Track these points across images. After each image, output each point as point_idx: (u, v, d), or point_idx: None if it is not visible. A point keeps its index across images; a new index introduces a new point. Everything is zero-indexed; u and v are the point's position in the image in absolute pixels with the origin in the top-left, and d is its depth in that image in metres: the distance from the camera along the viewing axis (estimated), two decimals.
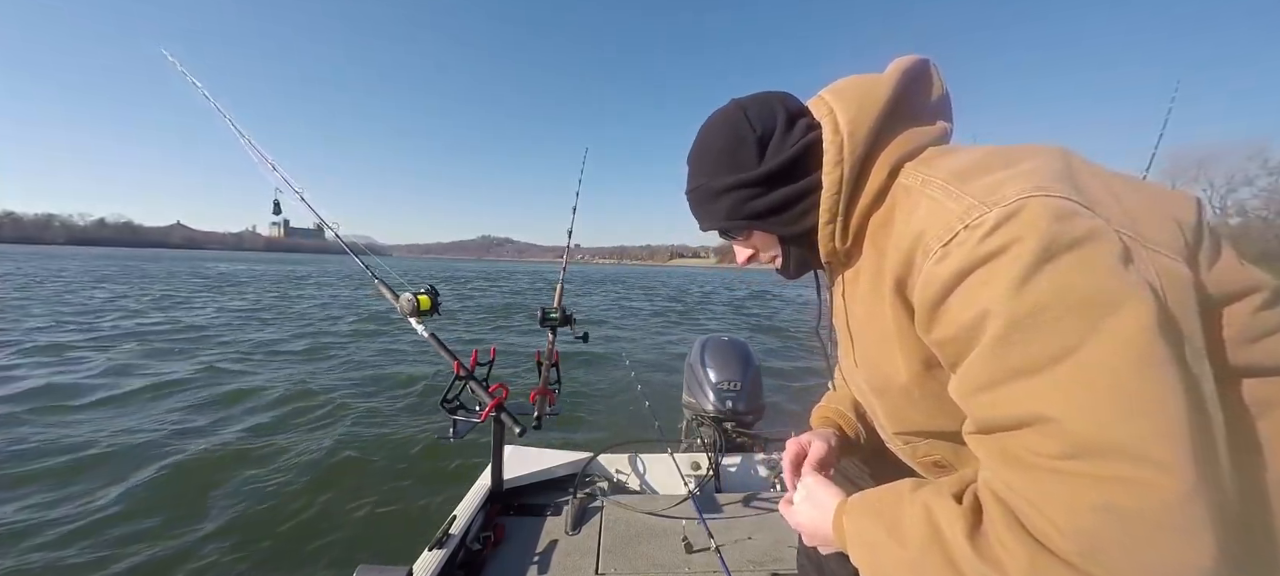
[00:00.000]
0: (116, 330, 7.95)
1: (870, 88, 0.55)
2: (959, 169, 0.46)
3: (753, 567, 1.36)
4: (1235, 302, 0.42)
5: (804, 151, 0.57)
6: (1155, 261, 0.38)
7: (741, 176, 0.60)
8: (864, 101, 0.54)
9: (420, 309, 1.50)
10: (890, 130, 0.54)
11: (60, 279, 18.66)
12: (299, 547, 2.40)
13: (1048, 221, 0.37)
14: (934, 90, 0.57)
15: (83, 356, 6.02)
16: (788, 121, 0.59)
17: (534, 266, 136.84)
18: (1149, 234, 0.40)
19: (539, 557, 1.39)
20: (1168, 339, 0.34)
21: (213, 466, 3.18)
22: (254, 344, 7.45)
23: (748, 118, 0.60)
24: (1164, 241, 0.40)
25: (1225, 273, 0.42)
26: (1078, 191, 0.40)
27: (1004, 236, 0.38)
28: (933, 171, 0.48)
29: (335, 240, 1.78)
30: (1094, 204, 0.39)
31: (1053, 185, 0.39)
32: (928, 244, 0.43)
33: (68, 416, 4.01)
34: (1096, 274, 0.35)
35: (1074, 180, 0.41)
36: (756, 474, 1.86)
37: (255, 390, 4.89)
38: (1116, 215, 0.39)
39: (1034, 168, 0.42)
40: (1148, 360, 0.33)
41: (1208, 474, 0.32)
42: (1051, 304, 0.35)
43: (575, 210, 2.19)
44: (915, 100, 0.56)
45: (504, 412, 1.42)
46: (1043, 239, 0.36)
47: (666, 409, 2.38)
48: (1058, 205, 0.38)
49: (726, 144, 0.61)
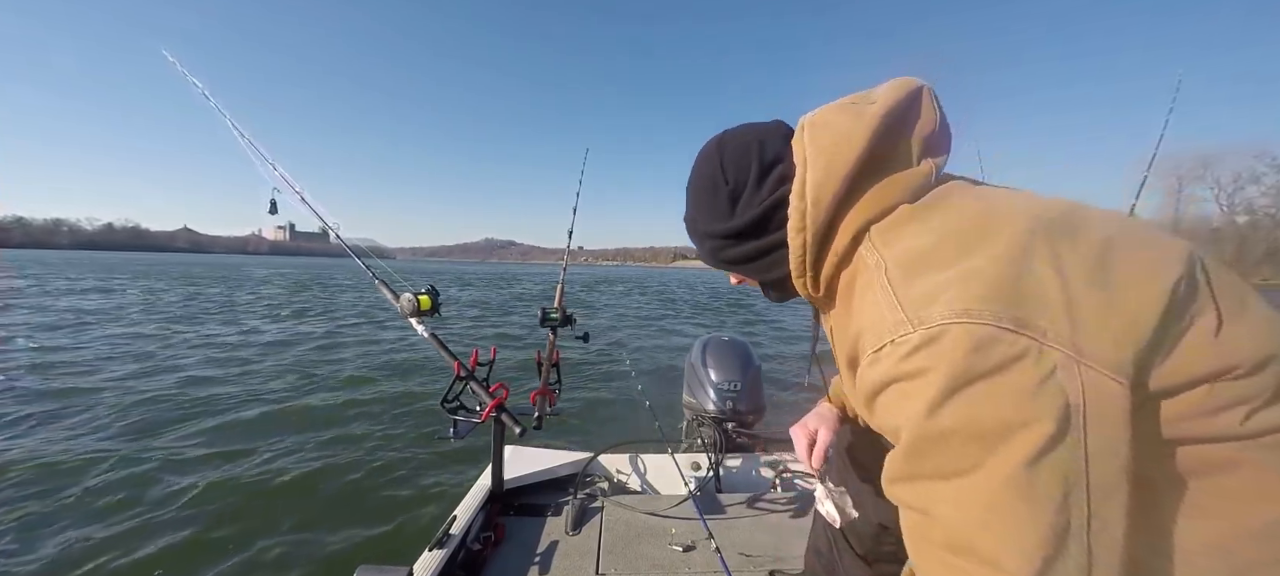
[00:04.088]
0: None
1: (845, 138, 0.52)
2: (910, 256, 0.47)
3: (753, 567, 1.36)
4: (1195, 387, 0.41)
5: (773, 209, 0.58)
6: (1085, 376, 0.38)
7: (715, 227, 0.63)
8: (834, 159, 0.52)
9: (420, 309, 1.50)
10: (859, 188, 0.52)
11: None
12: (299, 547, 2.40)
13: (962, 354, 0.39)
14: (924, 124, 0.52)
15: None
16: (760, 174, 0.59)
17: (537, 268, 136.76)
18: (1089, 345, 0.39)
19: (539, 557, 1.39)
20: (1054, 466, 0.38)
21: (212, 466, 3.18)
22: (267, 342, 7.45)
23: (722, 166, 0.62)
24: (1103, 352, 0.39)
25: (1193, 355, 0.41)
26: (1016, 303, 0.40)
27: (921, 361, 0.41)
28: (889, 251, 0.49)
29: (344, 241, 1.78)
30: (1032, 317, 0.39)
31: (983, 307, 0.40)
32: (864, 344, 0.47)
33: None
34: (1000, 406, 0.39)
35: (1022, 284, 0.41)
36: (757, 474, 1.85)
37: (256, 388, 4.89)
38: (1057, 326, 0.39)
39: (980, 269, 0.42)
40: (1022, 489, 0.38)
41: (1051, 572, 0.37)
42: (955, 431, 0.40)
43: (576, 210, 2.19)
44: (898, 142, 0.52)
45: (504, 413, 1.42)
46: (953, 371, 0.39)
47: (667, 409, 2.38)
48: (977, 335, 0.39)
49: (704, 188, 0.64)
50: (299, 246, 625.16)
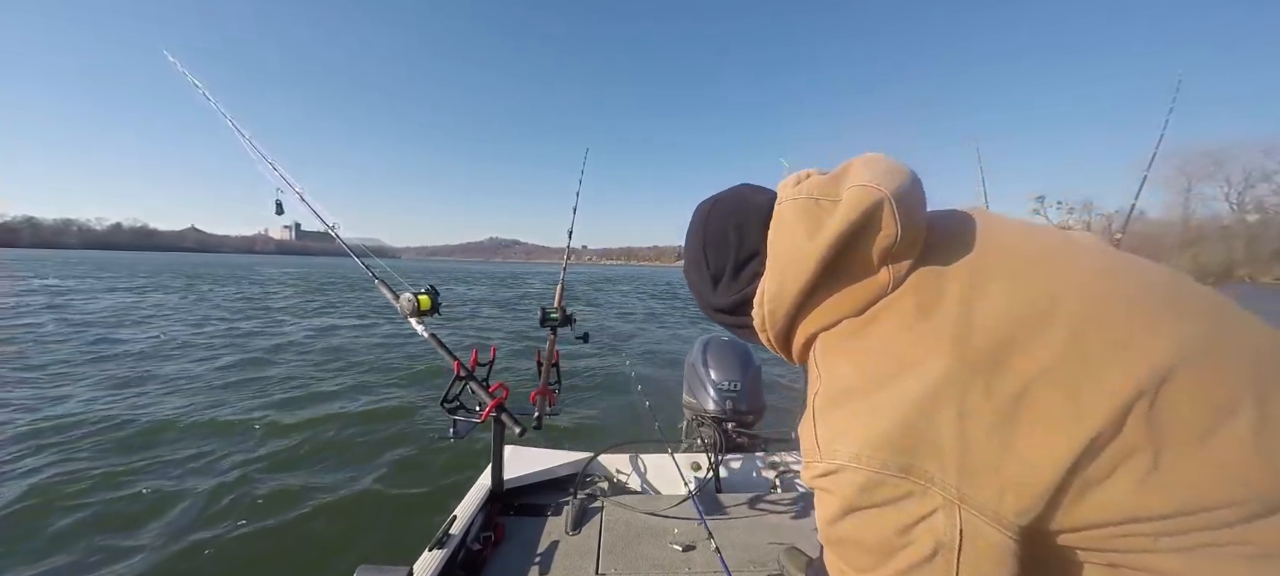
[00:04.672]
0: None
1: (798, 257, 0.54)
2: (835, 390, 0.52)
3: (753, 568, 1.36)
4: (1104, 528, 0.42)
5: (746, 300, 0.63)
6: (964, 518, 0.43)
7: (702, 293, 0.69)
8: (786, 277, 0.56)
9: (420, 309, 1.50)
10: (813, 300, 0.56)
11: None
12: (299, 547, 2.40)
13: (851, 491, 0.47)
14: (882, 238, 0.51)
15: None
16: (736, 268, 0.64)
17: (542, 267, 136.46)
18: (973, 493, 0.42)
19: (539, 558, 1.38)
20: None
21: (212, 465, 3.18)
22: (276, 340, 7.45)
23: (705, 250, 0.67)
24: (986, 500, 0.42)
25: (1105, 500, 0.41)
26: (905, 452, 0.44)
27: (826, 484, 0.49)
28: (825, 369, 0.54)
29: (342, 241, 1.78)
30: (920, 464, 0.44)
31: (872, 454, 0.46)
32: (802, 445, 0.54)
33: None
34: (883, 531, 0.46)
35: (918, 431, 0.44)
36: (757, 474, 1.85)
37: (257, 388, 4.89)
38: (944, 473, 0.43)
39: (885, 409, 0.46)
40: None
41: None
42: (849, 540, 0.49)
43: (576, 210, 2.20)
44: (853, 254, 0.53)
45: (504, 412, 1.42)
46: (844, 501, 0.47)
47: (667, 409, 2.38)
48: (864, 479, 0.46)
49: (692, 258, 0.69)
50: (305, 246, 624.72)
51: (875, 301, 0.53)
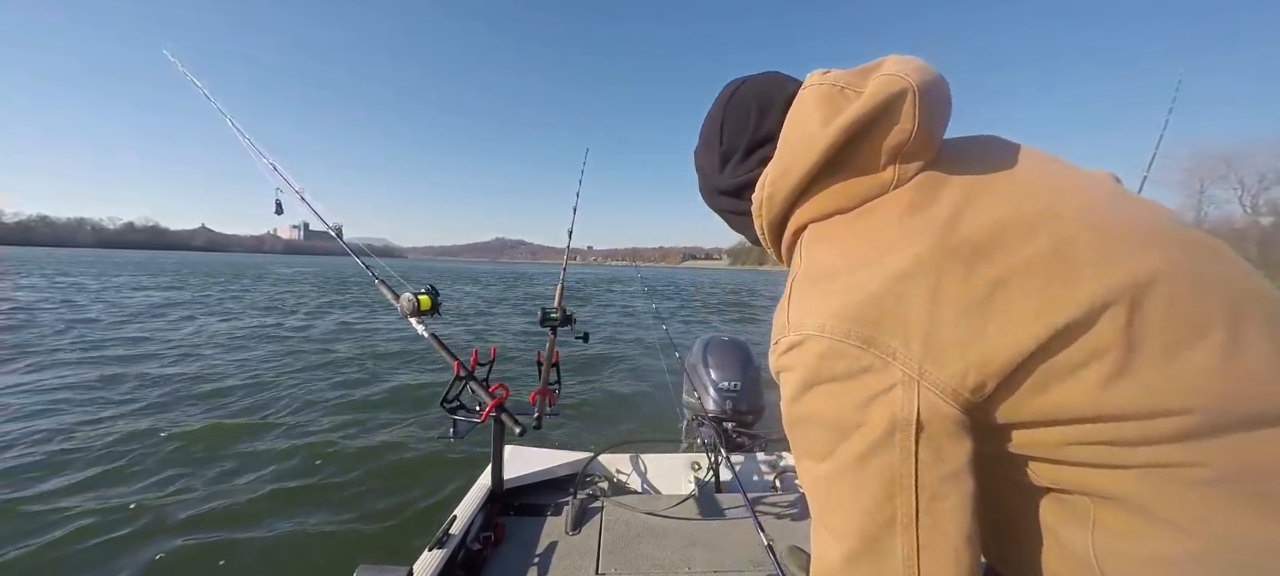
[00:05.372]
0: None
1: (808, 141, 0.53)
2: (814, 272, 0.52)
3: (753, 568, 1.36)
4: (1066, 425, 0.42)
5: (749, 183, 0.62)
6: (922, 396, 0.43)
7: (707, 172, 0.69)
8: (793, 161, 0.55)
9: (420, 309, 1.50)
10: (814, 188, 0.55)
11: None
12: (299, 547, 2.40)
13: (813, 360, 0.47)
14: (896, 134, 0.51)
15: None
16: (748, 148, 0.63)
17: (548, 267, 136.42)
18: (934, 370, 0.42)
19: (539, 557, 1.39)
20: (882, 465, 0.44)
21: (207, 464, 3.18)
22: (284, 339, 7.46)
23: (722, 126, 0.65)
24: (946, 378, 0.42)
25: (1066, 398, 0.41)
26: (870, 324, 0.44)
27: (787, 360, 0.50)
28: (806, 260, 0.55)
29: (350, 240, 1.78)
30: (884, 338, 0.44)
31: (837, 324, 0.46)
32: (773, 332, 0.54)
33: None
34: (840, 406, 0.46)
35: (886, 306, 0.44)
36: (757, 474, 1.85)
37: (261, 384, 4.89)
38: (908, 348, 0.43)
39: (857, 286, 0.47)
40: (854, 479, 0.45)
41: (875, 554, 0.44)
42: (809, 418, 0.49)
43: (576, 210, 2.20)
44: (862, 147, 0.52)
45: (504, 412, 1.42)
46: (805, 375, 0.48)
47: (666, 409, 2.38)
48: (826, 347, 0.46)
49: (708, 134, 0.68)
50: (312, 245, 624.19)
51: (873, 198, 0.52)
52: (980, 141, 0.57)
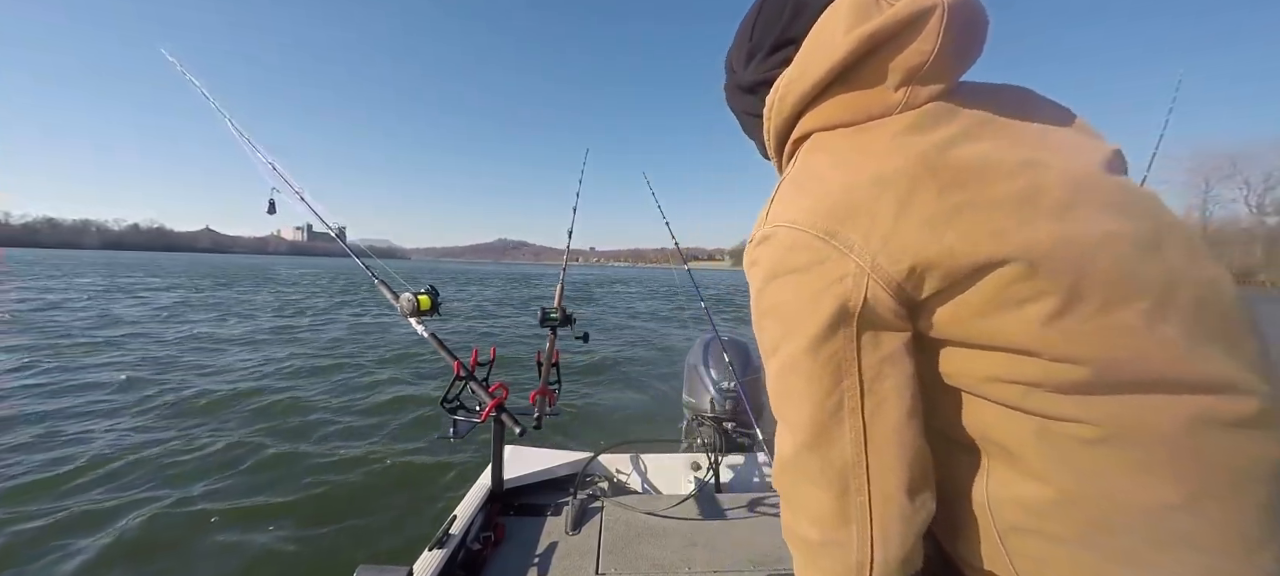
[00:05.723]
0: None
1: (827, 47, 0.52)
2: (803, 175, 0.54)
3: (753, 568, 1.35)
4: (993, 352, 0.45)
5: (767, 82, 0.61)
6: (871, 288, 0.45)
7: (733, 67, 0.68)
8: (809, 66, 0.54)
9: (420, 309, 1.50)
10: (822, 97, 0.55)
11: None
12: (299, 547, 2.40)
13: (778, 253, 0.50)
14: (912, 54, 0.49)
15: None
16: (774, 46, 0.61)
17: (551, 268, 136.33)
18: (887, 266, 0.45)
19: (539, 558, 1.38)
20: (829, 354, 0.47)
21: (208, 463, 3.18)
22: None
23: (755, 23, 0.63)
24: (895, 275, 0.45)
25: (997, 326, 0.44)
26: (836, 220, 0.47)
27: (756, 254, 0.52)
28: (800, 162, 0.56)
29: (353, 241, 1.78)
30: (846, 233, 0.46)
31: (805, 220, 0.48)
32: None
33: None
34: (797, 297, 0.48)
35: (855, 205, 0.46)
36: (757, 474, 1.85)
37: (260, 386, 4.89)
38: (867, 243, 0.45)
39: (834, 190, 0.49)
40: (804, 370, 0.48)
41: (825, 441, 0.47)
42: (769, 311, 0.51)
43: (576, 210, 2.20)
44: (880, 62, 0.51)
45: (504, 412, 1.42)
46: (770, 266, 0.50)
47: (666, 409, 2.38)
48: (792, 239, 0.48)
49: (742, 29, 0.66)
50: (315, 246, 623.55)
51: (878, 116, 0.52)
52: (1006, 89, 0.56)
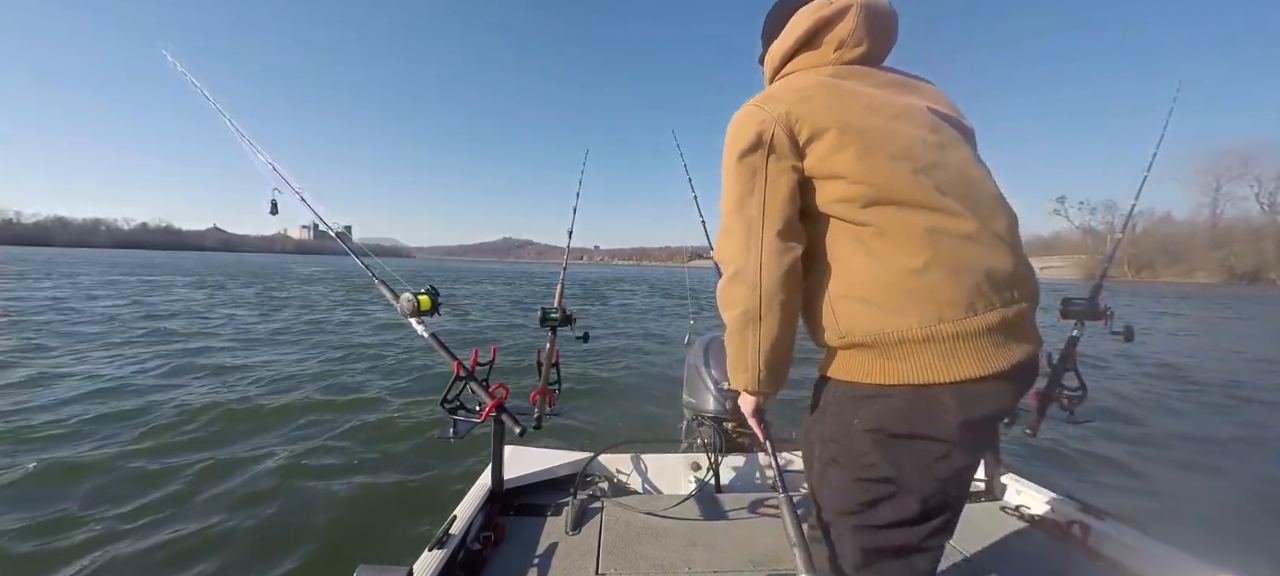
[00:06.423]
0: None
1: (795, 26, 0.92)
2: (772, 91, 0.88)
3: (753, 568, 1.35)
4: (822, 179, 0.82)
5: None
6: (777, 130, 0.81)
7: (766, 32, 1.02)
8: (782, 44, 0.95)
9: (420, 309, 1.50)
10: (792, 58, 0.95)
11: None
12: (299, 546, 2.40)
13: (742, 112, 0.86)
14: (840, 31, 0.88)
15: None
16: (773, 34, 0.98)
17: (554, 267, 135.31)
18: (790, 121, 0.81)
19: (539, 558, 1.38)
20: (749, 161, 0.83)
21: (208, 462, 3.18)
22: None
23: (766, 20, 1.02)
24: (792, 127, 0.81)
25: (823, 160, 0.80)
26: (772, 99, 0.84)
27: (730, 124, 0.88)
28: (779, 83, 0.93)
29: (358, 240, 1.78)
30: (774, 104, 0.83)
31: (758, 100, 0.86)
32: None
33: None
34: (738, 133, 0.85)
35: (786, 93, 0.84)
36: (757, 474, 1.85)
37: (261, 384, 4.90)
38: (784, 107, 0.82)
39: (770, 91, 0.88)
40: (736, 172, 0.85)
41: (743, 206, 0.83)
42: (727, 144, 0.87)
43: (576, 210, 2.20)
44: (824, 35, 0.90)
45: (504, 412, 1.42)
46: (735, 119, 0.87)
47: (666, 409, 2.37)
48: (751, 106, 0.85)
49: (775, 15, 0.99)
50: (321, 246, 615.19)
51: (819, 66, 0.91)
52: (908, 75, 0.94)
